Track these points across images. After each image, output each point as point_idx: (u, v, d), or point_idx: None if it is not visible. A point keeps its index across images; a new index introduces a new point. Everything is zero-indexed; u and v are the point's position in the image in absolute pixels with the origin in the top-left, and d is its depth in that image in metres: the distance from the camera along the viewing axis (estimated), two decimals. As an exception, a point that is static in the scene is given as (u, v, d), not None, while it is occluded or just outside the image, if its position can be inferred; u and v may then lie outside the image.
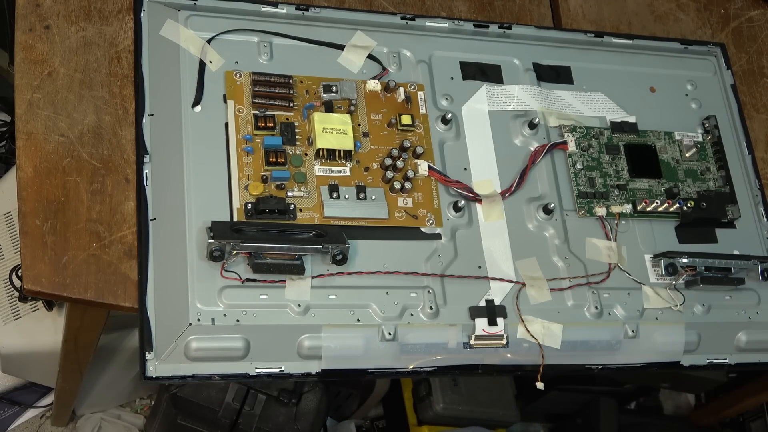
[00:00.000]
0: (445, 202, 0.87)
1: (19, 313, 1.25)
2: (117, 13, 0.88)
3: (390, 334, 0.80)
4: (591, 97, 0.99)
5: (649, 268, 0.91)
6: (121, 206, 0.80)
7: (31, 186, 0.78)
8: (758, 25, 1.18)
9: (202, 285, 0.76)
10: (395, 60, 0.93)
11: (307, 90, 0.88)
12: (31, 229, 0.76)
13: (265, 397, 1.27)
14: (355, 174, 0.85)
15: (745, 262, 0.92)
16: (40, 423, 1.47)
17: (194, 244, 0.77)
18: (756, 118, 1.09)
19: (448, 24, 0.97)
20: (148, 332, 0.73)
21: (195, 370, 0.74)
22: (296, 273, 0.78)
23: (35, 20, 0.85)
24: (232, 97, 0.85)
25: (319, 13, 0.93)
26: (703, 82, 1.06)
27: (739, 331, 0.92)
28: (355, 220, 0.83)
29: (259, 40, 0.89)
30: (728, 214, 0.97)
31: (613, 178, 0.94)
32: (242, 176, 0.81)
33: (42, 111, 0.81)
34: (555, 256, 0.89)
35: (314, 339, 0.78)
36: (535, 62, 0.99)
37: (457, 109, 0.93)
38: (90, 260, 0.77)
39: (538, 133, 0.94)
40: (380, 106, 0.90)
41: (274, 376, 0.77)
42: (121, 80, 0.85)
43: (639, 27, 1.12)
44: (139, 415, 1.49)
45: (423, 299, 0.82)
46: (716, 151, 1.00)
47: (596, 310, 0.87)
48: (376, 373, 0.80)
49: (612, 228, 0.92)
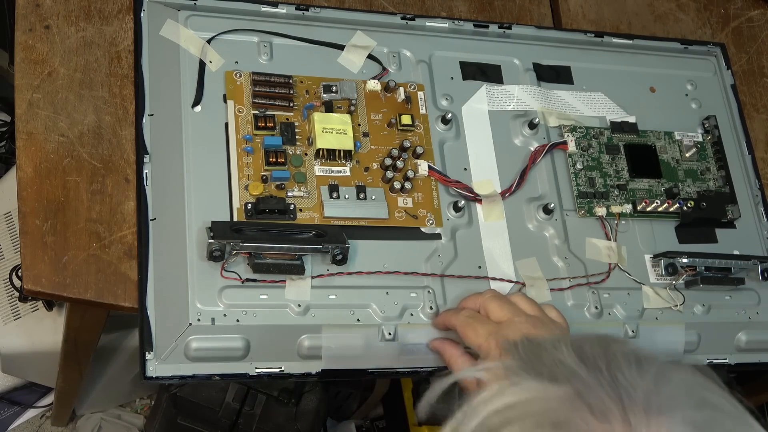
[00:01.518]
0: (445, 202, 0.87)
1: (19, 313, 1.25)
2: (117, 13, 0.88)
3: (390, 334, 0.80)
4: (591, 97, 0.99)
5: (649, 268, 0.91)
6: (121, 206, 0.80)
7: (31, 186, 0.78)
8: (758, 25, 1.18)
9: (202, 285, 0.76)
10: (395, 60, 0.93)
11: (307, 90, 0.88)
12: (31, 229, 0.76)
13: (265, 397, 1.27)
14: (355, 174, 0.85)
15: (745, 262, 0.92)
16: (40, 423, 1.47)
17: (194, 244, 0.77)
18: (756, 118, 1.09)
19: (448, 24, 0.97)
20: (148, 332, 0.73)
21: (195, 370, 0.74)
22: (296, 273, 0.78)
23: (35, 20, 0.85)
24: (232, 97, 0.85)
25: (319, 13, 0.93)
26: (703, 82, 1.06)
27: (739, 331, 0.92)
28: (355, 220, 0.83)
29: (259, 40, 0.89)
30: (728, 214, 0.97)
31: (613, 178, 0.94)
32: (242, 176, 0.81)
33: (42, 111, 0.81)
34: (555, 256, 0.89)
35: (314, 339, 0.78)
36: (535, 62, 0.99)
37: (457, 109, 0.93)
38: (90, 260, 0.77)
39: (538, 133, 0.94)
40: (380, 106, 0.90)
41: (274, 376, 0.77)
42: (121, 80, 0.85)
43: (639, 27, 1.12)
44: (139, 415, 1.49)
45: (423, 299, 0.82)
46: (716, 151, 1.00)
47: (596, 310, 0.87)
48: (376, 373, 0.80)
49: (612, 228, 0.92)
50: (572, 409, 0.40)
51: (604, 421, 0.39)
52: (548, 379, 0.42)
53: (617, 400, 0.40)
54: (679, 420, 0.40)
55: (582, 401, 0.40)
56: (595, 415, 0.39)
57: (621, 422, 0.39)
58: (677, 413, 0.40)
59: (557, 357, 0.44)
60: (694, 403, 0.41)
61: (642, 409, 0.39)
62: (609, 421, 0.39)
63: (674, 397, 0.41)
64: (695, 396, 0.41)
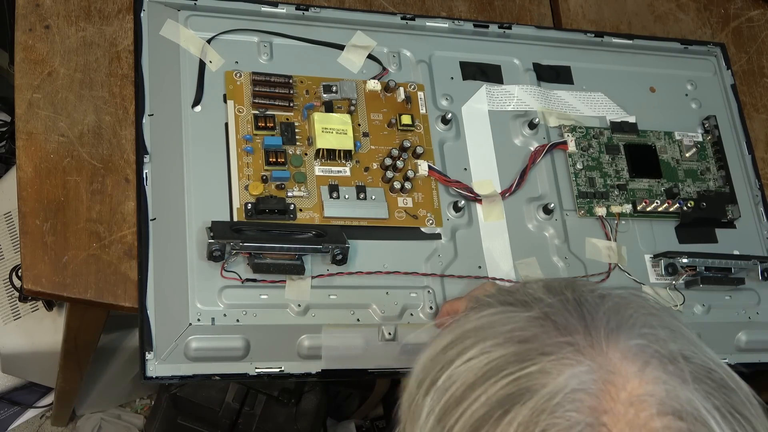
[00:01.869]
0: (445, 202, 0.87)
1: (19, 313, 1.25)
2: (117, 13, 0.88)
3: (390, 334, 0.80)
4: (591, 97, 0.99)
5: (649, 268, 0.91)
6: (121, 206, 0.80)
7: (31, 186, 0.78)
8: (758, 25, 1.18)
9: (202, 285, 0.76)
10: (395, 60, 0.93)
11: (307, 90, 0.88)
12: (31, 229, 0.76)
13: (265, 397, 1.27)
14: (355, 174, 0.85)
15: (745, 262, 0.92)
16: (40, 423, 1.47)
17: (194, 244, 0.77)
18: (756, 118, 1.09)
19: (448, 24, 0.97)
20: (148, 332, 0.73)
21: (195, 370, 0.74)
22: (296, 273, 0.78)
23: (35, 20, 0.85)
24: (232, 97, 0.85)
25: (319, 13, 0.93)
26: (703, 82, 1.06)
27: (739, 331, 0.92)
28: (355, 220, 0.83)
29: (259, 40, 0.89)
30: (728, 214, 0.97)
31: (613, 178, 0.94)
32: (242, 176, 0.81)
33: (42, 111, 0.81)
34: (555, 256, 0.89)
35: (314, 339, 0.78)
36: (535, 62, 0.99)
37: (457, 109, 0.93)
38: (90, 260, 0.77)
39: (538, 133, 0.94)
40: (380, 106, 0.90)
41: (274, 376, 0.77)
42: (121, 80, 0.85)
43: (639, 27, 1.12)
44: (139, 415, 1.49)
45: (423, 299, 0.82)
46: (716, 151, 1.00)
47: (596, 310, 0.87)
48: (376, 373, 0.80)
49: (612, 228, 0.92)
50: (538, 326, 0.44)
51: (567, 334, 0.43)
52: (517, 304, 0.46)
53: (580, 318, 0.44)
54: (636, 334, 0.43)
55: (548, 320, 0.44)
56: (559, 330, 0.43)
57: (583, 335, 0.42)
58: (635, 329, 0.43)
59: (526, 290, 0.47)
60: (651, 322, 0.44)
61: (603, 325, 0.43)
62: (571, 334, 0.43)
63: (633, 317, 0.44)
64: (653, 318, 0.45)
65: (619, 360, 0.42)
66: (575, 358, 0.42)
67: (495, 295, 0.48)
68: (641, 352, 0.42)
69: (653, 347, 0.42)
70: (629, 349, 0.42)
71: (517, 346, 0.43)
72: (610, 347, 0.42)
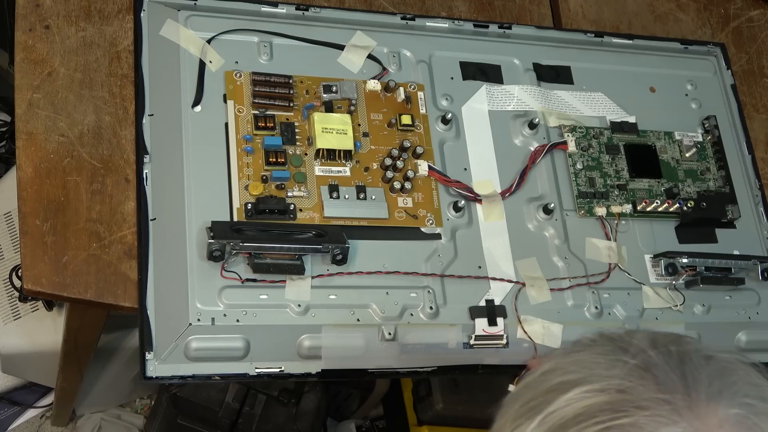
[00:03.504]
0: (445, 202, 0.87)
1: (19, 313, 1.25)
2: (117, 13, 0.88)
3: (390, 334, 0.80)
4: (591, 97, 0.99)
5: (649, 268, 0.91)
6: (121, 206, 0.80)
7: (31, 186, 0.78)
8: (758, 25, 1.18)
9: (202, 285, 0.76)
10: (395, 60, 0.93)
11: (307, 90, 0.88)
12: (31, 229, 0.76)
13: (265, 397, 1.27)
14: (355, 174, 0.85)
15: (745, 262, 0.92)
16: (40, 423, 1.47)
17: (194, 244, 0.77)
18: (756, 118, 1.09)
19: (448, 24, 0.97)
20: (148, 332, 0.73)
21: (195, 370, 0.74)
22: (296, 273, 0.78)
23: (35, 20, 0.85)
24: (232, 97, 0.85)
25: (319, 13, 0.93)
26: (703, 82, 1.06)
27: (739, 331, 0.92)
28: (355, 220, 0.83)
29: (259, 40, 0.89)
30: (728, 214, 0.97)
31: (613, 178, 0.94)
32: (242, 176, 0.81)
33: (42, 111, 0.81)
34: (555, 256, 0.89)
35: (314, 339, 0.78)
36: (535, 62, 0.99)
37: (457, 109, 0.93)
38: (90, 260, 0.77)
39: (538, 133, 0.94)
40: (380, 106, 0.90)
41: (274, 376, 0.77)
42: (121, 80, 0.85)
43: (639, 27, 1.12)
44: (139, 415, 1.49)
45: (423, 299, 0.82)
46: (716, 151, 1.00)
47: (596, 310, 0.87)
48: (376, 373, 0.80)
49: (612, 228, 0.92)
50: (638, 377, 0.42)
51: (666, 392, 0.41)
52: (620, 349, 0.44)
53: (681, 377, 0.42)
54: (737, 403, 0.41)
55: (649, 372, 0.42)
56: (659, 386, 0.41)
57: (682, 395, 0.41)
58: (736, 398, 0.41)
59: (630, 339, 0.46)
60: (754, 393, 0.42)
61: (704, 388, 0.41)
62: (671, 392, 0.41)
63: (736, 384, 0.42)
64: (756, 389, 0.43)
65: (715, 428, 0.40)
66: (671, 417, 0.40)
67: (598, 340, 0.47)
68: (739, 424, 0.41)
69: (752, 420, 0.41)
70: (728, 418, 0.41)
71: (613, 395, 0.42)
72: (709, 412, 0.41)
